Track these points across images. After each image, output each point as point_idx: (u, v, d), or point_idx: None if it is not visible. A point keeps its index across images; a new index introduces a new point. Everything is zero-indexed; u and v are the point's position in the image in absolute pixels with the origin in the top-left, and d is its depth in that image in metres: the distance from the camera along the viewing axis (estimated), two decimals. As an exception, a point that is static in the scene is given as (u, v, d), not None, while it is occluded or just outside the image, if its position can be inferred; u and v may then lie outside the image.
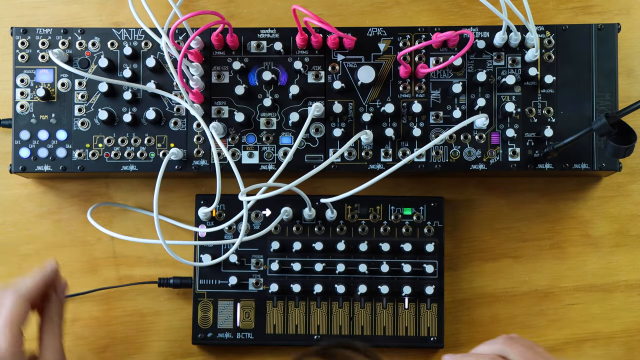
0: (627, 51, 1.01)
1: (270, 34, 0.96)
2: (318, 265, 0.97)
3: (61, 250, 1.02)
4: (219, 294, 0.98)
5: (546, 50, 0.95)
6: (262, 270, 0.98)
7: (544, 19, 1.01)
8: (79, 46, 0.96)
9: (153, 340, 1.02)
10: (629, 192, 1.02)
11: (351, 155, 0.95)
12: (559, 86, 0.95)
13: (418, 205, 0.98)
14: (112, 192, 1.03)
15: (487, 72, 0.94)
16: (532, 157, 0.94)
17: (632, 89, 1.01)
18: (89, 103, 0.96)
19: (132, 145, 0.95)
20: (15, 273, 1.02)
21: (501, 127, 0.95)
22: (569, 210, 1.02)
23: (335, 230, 0.98)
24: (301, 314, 0.98)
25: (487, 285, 1.01)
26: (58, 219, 1.03)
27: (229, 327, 0.98)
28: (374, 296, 0.98)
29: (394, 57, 0.95)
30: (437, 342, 0.97)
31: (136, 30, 0.96)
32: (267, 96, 0.95)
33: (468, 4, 1.03)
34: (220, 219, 0.99)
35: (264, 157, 0.95)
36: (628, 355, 1.01)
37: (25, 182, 1.03)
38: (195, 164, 0.95)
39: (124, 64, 0.96)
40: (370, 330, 0.98)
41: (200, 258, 0.97)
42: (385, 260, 0.97)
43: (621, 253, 1.01)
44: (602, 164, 0.94)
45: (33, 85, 0.96)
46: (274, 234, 0.98)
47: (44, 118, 0.96)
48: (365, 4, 1.04)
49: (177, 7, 0.88)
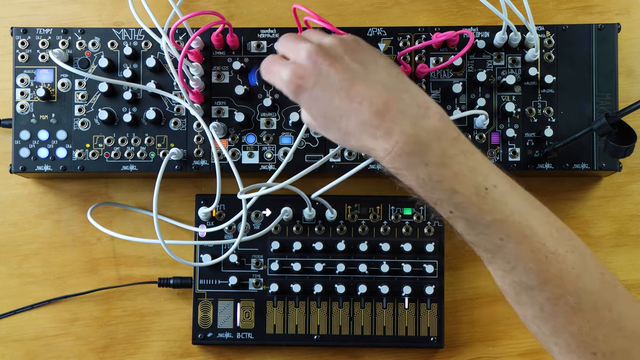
0: (627, 51, 1.01)
1: (270, 34, 0.96)
2: (318, 265, 0.97)
3: (61, 250, 1.03)
4: (219, 294, 0.98)
5: (546, 50, 0.95)
6: (262, 270, 0.98)
7: (544, 19, 1.01)
8: (79, 46, 0.96)
9: (153, 340, 1.02)
10: (629, 192, 1.02)
11: (351, 155, 0.95)
12: (559, 86, 0.95)
13: (418, 205, 0.98)
14: (112, 192, 1.03)
15: (487, 72, 0.94)
16: (532, 157, 0.94)
17: (632, 89, 1.01)
18: (89, 103, 0.96)
19: (132, 145, 0.95)
20: (16, 273, 1.02)
21: (501, 127, 0.95)
22: (569, 210, 1.02)
23: (335, 230, 0.98)
24: (301, 314, 0.98)
25: (487, 285, 1.01)
26: (58, 219, 1.03)
27: (229, 327, 0.98)
28: (374, 296, 0.98)
29: (394, 57, 0.95)
30: (437, 342, 0.97)
31: (136, 30, 0.96)
32: (267, 96, 0.95)
33: (468, 4, 1.03)
34: (220, 219, 0.99)
35: (264, 157, 0.95)
36: (628, 355, 1.00)
37: (25, 182, 1.03)
38: (195, 164, 0.95)
39: (124, 64, 0.96)
40: (370, 330, 0.98)
41: (200, 258, 0.97)
42: (385, 260, 0.97)
43: (621, 253, 1.01)
44: (602, 164, 0.94)
45: (33, 85, 0.96)
46: (274, 234, 0.98)
47: (44, 118, 0.96)
48: (365, 4, 1.04)
49: (177, 7, 0.88)
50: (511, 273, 0.70)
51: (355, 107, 0.70)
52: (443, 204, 0.69)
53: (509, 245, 0.68)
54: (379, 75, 0.71)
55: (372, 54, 0.74)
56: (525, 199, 0.71)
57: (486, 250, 0.70)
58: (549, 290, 0.68)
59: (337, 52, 0.73)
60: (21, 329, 1.02)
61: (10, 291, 1.02)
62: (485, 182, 0.68)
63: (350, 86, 0.70)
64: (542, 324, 0.70)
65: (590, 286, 0.69)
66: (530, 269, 0.68)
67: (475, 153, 0.70)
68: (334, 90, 0.71)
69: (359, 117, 0.69)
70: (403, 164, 0.68)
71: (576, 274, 0.68)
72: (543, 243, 0.69)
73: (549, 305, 0.68)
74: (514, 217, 0.68)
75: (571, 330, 0.68)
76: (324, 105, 0.71)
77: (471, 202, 0.68)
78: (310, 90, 0.72)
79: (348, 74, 0.71)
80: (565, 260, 0.69)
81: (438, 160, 0.68)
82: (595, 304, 0.68)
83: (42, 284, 1.02)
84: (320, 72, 0.72)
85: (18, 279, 1.02)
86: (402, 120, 0.68)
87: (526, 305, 0.71)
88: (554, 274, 0.68)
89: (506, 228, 0.68)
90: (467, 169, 0.68)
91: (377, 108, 0.69)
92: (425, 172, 0.68)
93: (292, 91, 0.73)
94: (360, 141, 0.70)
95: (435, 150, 0.67)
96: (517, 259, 0.68)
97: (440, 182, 0.68)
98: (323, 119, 0.73)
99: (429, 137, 0.68)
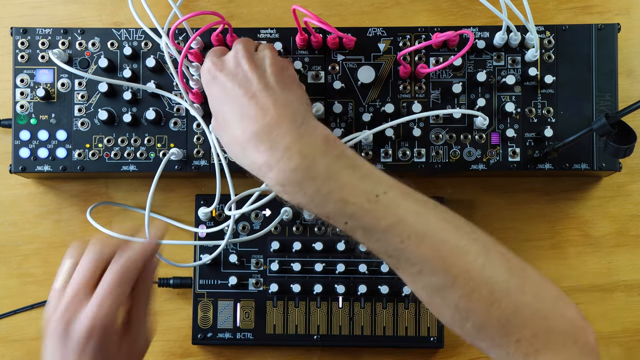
0: (627, 51, 1.01)
1: (270, 34, 0.96)
2: (318, 265, 0.97)
3: (61, 250, 1.02)
4: (219, 294, 0.98)
5: (546, 50, 0.95)
6: (262, 270, 0.98)
7: (544, 19, 1.01)
8: (79, 46, 0.96)
9: (153, 340, 1.01)
10: (629, 192, 1.02)
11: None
12: (559, 86, 0.95)
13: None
14: (111, 192, 1.03)
15: (487, 72, 0.94)
16: (532, 157, 0.94)
17: (632, 89, 1.01)
18: (89, 103, 0.96)
19: (132, 145, 0.95)
20: (15, 273, 1.02)
21: (501, 127, 0.95)
22: (569, 210, 1.02)
23: (335, 230, 0.98)
24: (301, 314, 0.98)
25: (487, 285, 1.01)
26: (58, 219, 1.03)
27: (229, 327, 0.98)
28: (374, 296, 0.98)
29: (394, 57, 0.95)
30: (437, 342, 0.97)
31: (136, 30, 0.96)
32: (267, 96, 0.95)
33: (468, 4, 1.03)
34: (220, 219, 0.99)
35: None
36: (628, 355, 1.01)
37: (25, 182, 1.03)
38: (195, 164, 0.95)
39: (124, 64, 0.96)
40: (370, 330, 0.98)
41: (200, 258, 0.97)
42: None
43: (621, 253, 1.01)
44: (602, 164, 0.94)
45: (33, 85, 0.96)
46: (274, 234, 0.98)
47: (44, 118, 0.96)
48: (365, 4, 1.04)
49: (177, 7, 0.88)
50: (419, 276, 0.69)
51: (254, 115, 0.73)
52: (336, 216, 0.70)
53: (410, 247, 0.68)
54: (288, 98, 0.75)
55: (294, 80, 0.79)
56: (419, 201, 0.71)
57: (389, 256, 0.70)
58: (459, 286, 0.68)
59: (263, 62, 0.78)
60: (21, 329, 1.02)
61: (10, 291, 1.02)
62: (375, 190, 0.69)
63: (259, 93, 0.74)
64: (463, 323, 0.69)
65: (499, 273, 0.68)
66: (436, 267, 0.68)
67: (363, 166, 0.71)
68: (242, 90, 0.75)
69: (251, 126, 0.72)
70: (288, 180, 0.70)
71: (481, 263, 0.68)
72: (444, 239, 0.68)
73: (463, 301, 0.68)
74: (410, 219, 0.69)
75: (491, 322, 0.68)
76: (227, 104, 0.75)
77: (364, 210, 0.69)
78: (222, 84, 0.76)
79: (263, 83, 0.75)
80: (468, 251, 0.68)
81: (325, 174, 0.69)
82: (508, 290, 0.68)
83: (42, 284, 1.02)
84: (239, 71, 0.77)
85: (18, 279, 1.02)
86: (287, 136, 0.70)
87: (442, 307, 0.70)
88: (461, 268, 0.68)
89: (403, 230, 0.68)
90: (355, 179, 0.70)
91: (269, 121, 0.72)
92: (312, 187, 0.69)
93: (207, 81, 0.78)
94: (245, 152, 0.73)
95: (321, 165, 0.69)
96: (421, 260, 0.68)
97: (329, 195, 0.69)
98: (222, 119, 0.76)
99: (312, 153, 0.70)
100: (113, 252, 0.75)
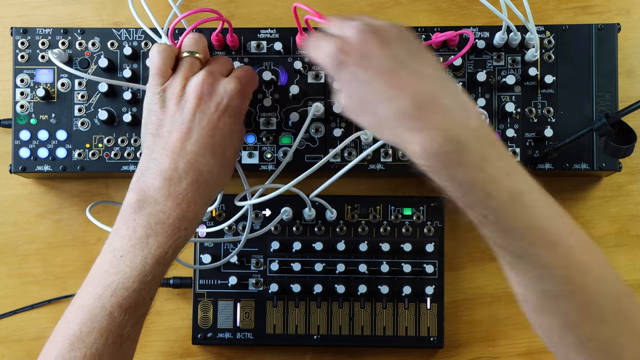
0: (627, 51, 1.01)
1: (270, 34, 0.96)
2: (318, 265, 0.97)
3: (61, 250, 1.03)
4: (219, 294, 0.98)
5: (546, 50, 0.95)
6: (262, 270, 0.98)
7: (544, 19, 1.01)
8: (79, 46, 0.96)
9: (153, 340, 1.02)
10: (629, 192, 1.02)
11: (351, 155, 0.95)
12: (559, 86, 0.95)
13: (418, 205, 0.98)
14: (112, 192, 1.03)
15: (487, 72, 0.94)
16: (532, 157, 0.94)
17: (632, 89, 1.01)
18: (89, 103, 0.96)
19: (132, 145, 0.95)
20: (15, 273, 1.02)
21: (501, 127, 0.95)
22: (569, 210, 1.00)
23: (335, 230, 0.98)
24: (301, 314, 0.98)
25: (487, 285, 1.01)
26: (58, 219, 1.03)
27: (229, 327, 0.98)
28: (373, 296, 0.98)
29: (394, 57, 0.94)
30: (437, 342, 0.97)
31: (136, 30, 0.96)
32: (267, 96, 0.95)
33: (468, 4, 1.03)
34: (220, 219, 0.99)
35: (263, 157, 0.95)
36: (628, 355, 1.00)
37: (25, 182, 1.03)
38: (195, 164, 0.95)
39: (124, 64, 0.96)
40: (370, 330, 0.98)
41: (200, 258, 0.97)
42: (385, 260, 0.97)
43: (621, 253, 1.01)
44: (602, 164, 0.94)
45: (33, 85, 0.96)
46: (274, 234, 0.98)
47: (44, 118, 0.96)
48: (365, 4, 1.04)
49: (177, 7, 0.88)
50: (537, 280, 0.67)
51: (397, 95, 0.66)
52: (475, 207, 0.66)
53: (539, 252, 0.66)
54: (425, 68, 0.68)
55: (420, 46, 0.71)
56: (552, 206, 0.69)
57: (510, 253, 0.68)
58: (576, 300, 0.67)
59: (387, 35, 0.69)
60: (21, 329, 1.02)
61: (10, 291, 1.02)
62: (519, 187, 0.66)
63: (396, 72, 0.67)
64: (567, 333, 0.68)
65: (614, 295, 0.68)
66: (559, 276, 0.66)
67: (510, 158, 0.68)
68: (377, 73, 0.67)
69: (399, 106, 0.66)
70: (439, 162, 0.65)
71: (602, 283, 0.68)
72: (572, 252, 0.67)
73: (574, 314, 0.67)
74: (546, 225, 0.66)
75: (598, 339, 0.67)
76: (364, 87, 0.68)
77: (505, 207, 0.65)
78: (352, 68, 0.68)
79: (395, 59, 0.67)
80: (592, 269, 0.67)
81: (475, 162, 0.65)
82: (619, 312, 0.68)
83: (42, 284, 1.02)
84: (367, 50, 0.68)
85: (18, 279, 1.02)
86: (443, 116, 0.65)
87: (550, 315, 0.68)
88: (582, 282, 0.67)
89: (537, 235, 0.66)
90: (503, 172, 0.66)
91: (420, 99, 0.65)
92: (461, 173, 0.65)
93: (335, 66, 0.69)
94: (395, 132, 0.67)
95: (474, 152, 0.65)
96: (545, 267, 0.66)
97: (475, 185, 0.65)
98: (359, 102, 0.69)
99: (469, 138, 0.65)
100: None
